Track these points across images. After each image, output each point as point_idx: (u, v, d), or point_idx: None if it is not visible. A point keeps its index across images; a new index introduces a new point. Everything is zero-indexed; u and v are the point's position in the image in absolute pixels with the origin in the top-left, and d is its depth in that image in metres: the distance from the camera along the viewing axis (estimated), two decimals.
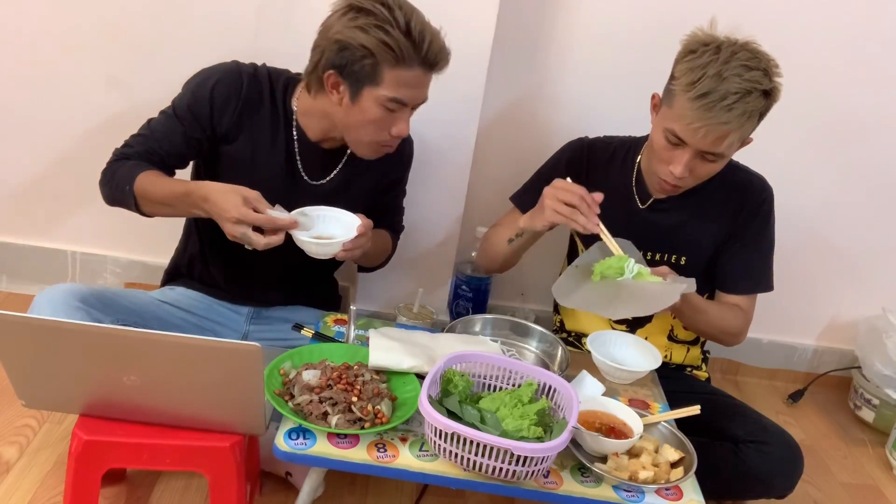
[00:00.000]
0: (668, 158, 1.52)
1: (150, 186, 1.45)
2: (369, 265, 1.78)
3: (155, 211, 1.49)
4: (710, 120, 1.42)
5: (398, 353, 1.38)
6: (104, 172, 1.53)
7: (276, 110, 1.56)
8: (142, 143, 1.54)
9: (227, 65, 1.56)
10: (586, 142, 1.76)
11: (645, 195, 1.69)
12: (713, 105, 1.41)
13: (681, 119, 1.46)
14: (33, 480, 1.56)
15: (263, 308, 1.74)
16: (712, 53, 1.44)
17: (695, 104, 1.43)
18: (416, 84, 1.44)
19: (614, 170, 1.72)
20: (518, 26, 1.98)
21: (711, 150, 1.48)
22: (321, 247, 1.43)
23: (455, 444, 1.16)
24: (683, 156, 1.49)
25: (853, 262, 2.31)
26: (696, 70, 1.43)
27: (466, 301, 2.11)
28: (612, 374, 1.55)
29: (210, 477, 1.32)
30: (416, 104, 1.50)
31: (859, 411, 2.31)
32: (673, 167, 1.51)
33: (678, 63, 1.50)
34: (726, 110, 1.41)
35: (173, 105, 1.56)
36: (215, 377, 1.21)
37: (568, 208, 1.47)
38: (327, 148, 1.60)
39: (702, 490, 1.28)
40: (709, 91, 1.41)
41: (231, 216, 1.34)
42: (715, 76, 1.42)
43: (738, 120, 1.43)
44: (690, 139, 1.46)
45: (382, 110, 1.44)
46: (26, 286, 2.19)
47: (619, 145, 1.74)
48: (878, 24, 2.04)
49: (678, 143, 1.49)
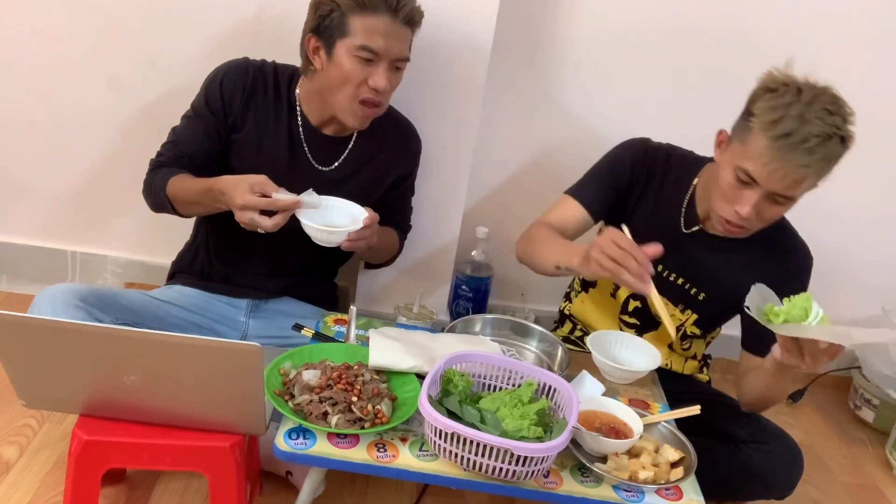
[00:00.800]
0: (735, 198, 1.46)
1: (180, 190, 1.53)
2: (375, 262, 1.81)
3: (189, 211, 1.57)
4: (791, 161, 1.37)
5: (398, 353, 1.38)
6: (145, 183, 1.61)
7: (279, 98, 1.62)
8: (171, 149, 1.61)
9: (236, 60, 1.64)
10: (649, 146, 1.68)
11: (691, 220, 1.63)
12: (795, 146, 1.36)
13: (757, 158, 1.40)
14: (33, 480, 1.56)
15: (262, 300, 1.74)
16: (794, 94, 1.39)
17: (775, 144, 1.37)
18: (385, 32, 1.46)
19: (668, 184, 1.65)
20: (518, 26, 1.99)
21: (784, 192, 1.42)
22: (326, 234, 1.44)
23: (455, 444, 1.16)
24: (753, 196, 1.43)
25: (853, 263, 2.31)
26: (778, 109, 1.38)
27: (466, 301, 2.12)
28: (612, 374, 1.55)
29: (210, 477, 1.32)
30: (392, 57, 1.49)
31: (859, 411, 2.31)
32: (739, 207, 1.45)
33: (756, 101, 1.44)
34: (807, 153, 1.36)
35: (192, 107, 1.63)
36: (215, 377, 1.21)
37: (613, 264, 1.34)
38: (330, 134, 1.64)
39: (702, 490, 1.28)
40: (790, 132, 1.37)
41: (237, 203, 1.39)
42: (797, 117, 1.37)
43: (818, 164, 1.38)
44: (765, 179, 1.41)
45: (356, 62, 1.48)
46: (26, 286, 2.19)
47: (678, 160, 1.67)
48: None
49: (749, 182, 1.43)
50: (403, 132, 1.73)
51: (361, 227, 1.46)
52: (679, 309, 1.68)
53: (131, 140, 2.02)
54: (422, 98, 1.82)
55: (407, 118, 1.74)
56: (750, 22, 2.03)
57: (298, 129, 1.63)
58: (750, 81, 2.11)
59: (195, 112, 1.62)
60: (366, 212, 1.50)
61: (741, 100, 2.08)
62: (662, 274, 1.65)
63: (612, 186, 1.65)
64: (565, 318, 1.86)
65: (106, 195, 2.12)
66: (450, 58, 1.80)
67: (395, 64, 1.51)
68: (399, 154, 1.71)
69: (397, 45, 1.49)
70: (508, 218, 2.23)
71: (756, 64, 2.10)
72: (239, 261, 1.72)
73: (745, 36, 2.04)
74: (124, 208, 2.12)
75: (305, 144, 1.64)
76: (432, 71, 1.81)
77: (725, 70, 2.07)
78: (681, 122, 2.13)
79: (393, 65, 1.51)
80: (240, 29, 1.91)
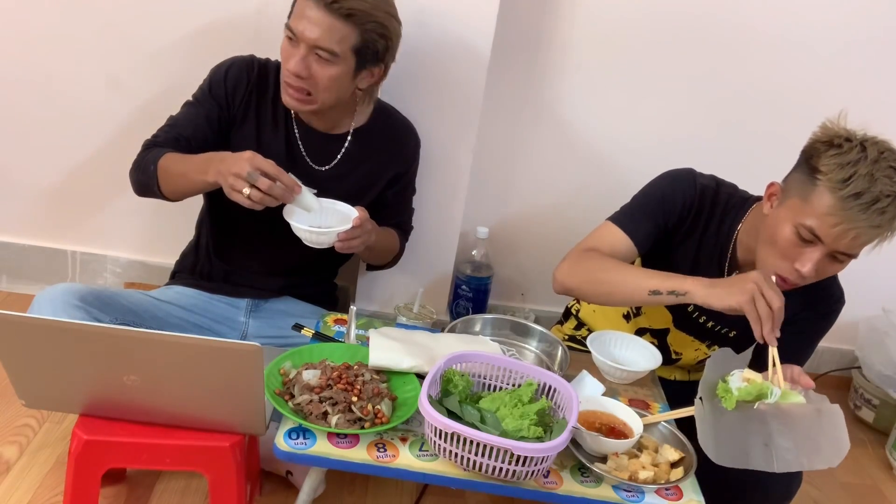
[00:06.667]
0: (795, 256, 1.40)
1: (172, 162, 1.50)
2: (376, 263, 1.81)
3: (173, 185, 1.52)
4: (863, 222, 1.32)
5: (398, 353, 1.38)
6: (134, 162, 1.58)
7: (278, 97, 1.62)
8: (167, 131, 1.60)
9: (242, 56, 1.65)
10: (697, 182, 1.58)
11: (733, 265, 1.57)
12: (867, 207, 1.32)
13: (824, 217, 1.34)
14: (33, 480, 1.56)
15: (262, 300, 1.75)
16: (859, 151, 1.34)
17: (846, 204, 1.32)
18: (306, 16, 1.45)
19: (713, 226, 1.58)
20: (518, 26, 1.99)
21: (848, 251, 1.38)
22: (315, 235, 1.44)
23: (455, 443, 1.16)
24: (815, 254, 1.38)
25: (852, 263, 2.30)
26: (847, 168, 1.33)
27: (466, 301, 2.12)
28: (612, 374, 1.54)
29: (210, 477, 1.32)
30: (307, 40, 1.47)
31: (859, 411, 2.31)
32: (800, 265, 1.39)
33: (819, 156, 1.37)
34: (879, 213, 1.32)
35: (194, 96, 1.64)
36: (215, 377, 1.21)
37: (767, 311, 1.32)
38: (322, 130, 1.65)
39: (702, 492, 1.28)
40: (862, 192, 1.31)
41: (246, 156, 1.39)
42: (867, 176, 1.32)
43: (889, 224, 1.34)
44: (831, 239, 1.36)
45: (286, 41, 1.50)
46: (26, 286, 2.19)
47: (724, 199, 1.59)
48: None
49: (812, 240, 1.38)
50: (401, 130, 1.73)
51: (351, 228, 1.46)
52: (706, 344, 1.67)
53: (131, 140, 2.00)
54: (422, 98, 1.83)
55: (406, 117, 1.74)
56: (752, 23, 2.03)
57: (293, 127, 1.64)
58: (752, 82, 2.13)
59: (196, 99, 1.63)
60: (357, 212, 1.49)
61: (742, 100, 2.10)
62: (692, 315, 1.62)
63: (661, 223, 1.59)
64: (570, 315, 1.86)
65: (106, 195, 2.12)
66: (450, 58, 1.80)
67: (315, 51, 1.47)
68: (396, 152, 1.71)
69: (315, 31, 1.45)
70: (508, 218, 2.23)
71: (757, 65, 2.12)
72: (239, 258, 1.72)
73: (749, 37, 2.04)
74: (124, 208, 2.13)
75: (301, 143, 1.64)
76: (432, 71, 1.81)
77: (726, 71, 2.08)
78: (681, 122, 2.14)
79: (313, 52, 1.48)
80: (239, 28, 1.92)
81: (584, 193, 2.16)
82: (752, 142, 2.12)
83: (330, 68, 1.49)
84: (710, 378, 1.33)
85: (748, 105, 2.09)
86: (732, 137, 2.12)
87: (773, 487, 1.53)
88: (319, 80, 1.50)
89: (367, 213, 1.50)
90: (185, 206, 1.78)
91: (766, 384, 1.31)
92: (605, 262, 1.52)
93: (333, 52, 1.48)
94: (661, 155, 1.76)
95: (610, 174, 2.14)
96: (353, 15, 1.45)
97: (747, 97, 2.08)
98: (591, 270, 1.52)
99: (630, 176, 1.68)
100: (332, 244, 1.47)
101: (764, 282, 1.34)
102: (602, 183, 2.13)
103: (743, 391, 1.30)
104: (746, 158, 1.79)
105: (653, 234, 1.57)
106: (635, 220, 1.57)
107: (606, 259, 1.53)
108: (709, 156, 1.75)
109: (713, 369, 1.35)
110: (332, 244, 1.47)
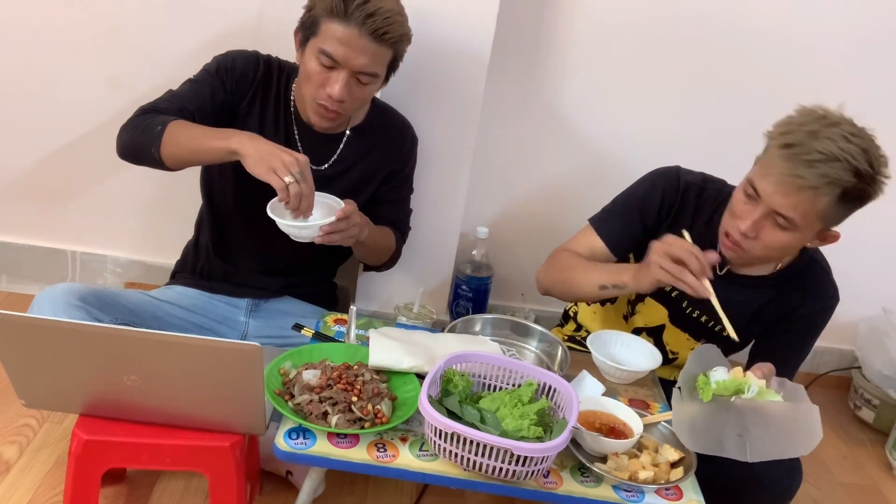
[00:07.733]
0: (741, 213, 1.44)
1: (184, 126, 1.47)
2: (372, 262, 1.79)
3: (175, 150, 1.46)
4: (788, 170, 1.34)
5: (398, 353, 1.38)
6: (130, 124, 1.53)
7: (279, 95, 1.63)
8: (169, 101, 1.55)
9: (247, 50, 1.64)
10: (681, 180, 1.61)
11: (722, 262, 1.56)
12: (793, 156, 1.34)
13: (760, 169, 1.40)
14: (33, 480, 1.56)
15: (262, 300, 1.75)
16: (819, 118, 1.37)
17: (779, 153, 1.36)
18: (347, 42, 1.45)
19: (699, 223, 1.59)
20: (518, 26, 1.99)
21: (783, 211, 1.37)
22: (297, 229, 1.44)
23: (455, 443, 1.16)
24: (755, 213, 1.40)
25: (852, 263, 2.30)
26: (794, 124, 1.37)
27: (466, 301, 2.12)
28: (612, 374, 1.55)
29: (210, 477, 1.32)
30: (353, 68, 1.47)
31: (859, 411, 2.31)
32: (741, 222, 1.42)
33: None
34: (806, 165, 1.32)
35: (196, 76, 1.60)
36: (215, 377, 1.21)
37: (677, 267, 1.37)
38: (321, 131, 1.64)
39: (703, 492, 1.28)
40: (795, 143, 1.34)
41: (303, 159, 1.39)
42: (809, 133, 1.34)
43: (815, 179, 1.32)
44: (767, 194, 1.38)
45: (317, 64, 1.48)
46: (26, 286, 2.20)
47: (709, 197, 1.60)
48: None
49: (754, 196, 1.41)
50: (398, 129, 1.73)
51: (335, 221, 1.45)
52: (701, 342, 1.67)
53: None
54: (422, 98, 1.83)
55: (403, 116, 1.74)
56: (751, 23, 2.03)
57: (293, 126, 1.64)
58: (752, 83, 2.12)
59: (201, 78, 1.59)
60: (343, 204, 1.48)
61: (742, 101, 2.10)
62: (686, 311, 1.63)
63: (639, 222, 1.61)
64: (569, 318, 1.86)
65: (106, 195, 2.12)
66: (450, 58, 1.80)
67: (357, 76, 1.48)
68: (392, 151, 1.71)
69: (359, 57, 1.46)
70: (508, 218, 2.23)
71: (759, 66, 2.12)
72: (238, 257, 1.72)
73: (750, 38, 2.04)
74: (124, 208, 2.13)
75: (301, 143, 1.64)
76: (432, 71, 1.81)
77: (727, 72, 2.08)
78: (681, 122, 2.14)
79: (354, 76, 1.48)
80: (240, 28, 1.92)
81: (584, 193, 2.15)
82: (752, 142, 2.11)
83: (368, 88, 1.53)
84: (690, 370, 1.38)
85: (748, 105, 2.09)
86: (732, 137, 2.11)
87: (773, 487, 1.52)
88: (357, 100, 1.53)
89: (354, 207, 1.49)
90: (185, 206, 1.79)
91: (744, 380, 1.34)
92: (571, 261, 1.60)
93: (376, 75, 1.51)
94: (661, 155, 1.76)
95: (610, 174, 2.13)
96: (385, 35, 1.46)
97: (747, 97, 2.08)
98: (560, 270, 1.61)
99: (630, 175, 1.67)
100: (314, 238, 1.45)
101: (660, 245, 1.40)
102: (602, 182, 2.12)
103: (721, 385, 1.34)
104: (746, 158, 1.78)
105: (628, 235, 1.61)
106: (611, 222, 1.63)
107: (574, 258, 1.60)
108: (709, 156, 1.75)
109: (696, 361, 1.39)
110: (314, 238, 1.45)
